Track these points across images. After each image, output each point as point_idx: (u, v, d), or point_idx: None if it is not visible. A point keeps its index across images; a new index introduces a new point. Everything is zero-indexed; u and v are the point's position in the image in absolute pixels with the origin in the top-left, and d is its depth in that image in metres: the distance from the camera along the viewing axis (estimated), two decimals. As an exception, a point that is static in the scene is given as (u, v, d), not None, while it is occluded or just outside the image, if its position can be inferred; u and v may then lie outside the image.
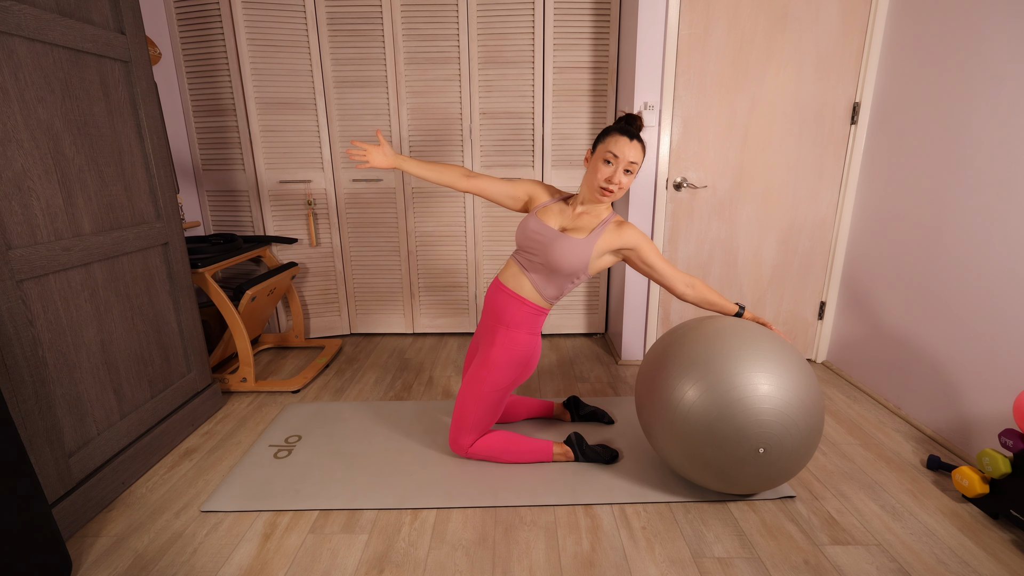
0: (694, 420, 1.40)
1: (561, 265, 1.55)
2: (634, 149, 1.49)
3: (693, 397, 1.40)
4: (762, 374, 1.37)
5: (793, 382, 1.39)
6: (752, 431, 1.35)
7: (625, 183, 1.52)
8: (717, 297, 1.61)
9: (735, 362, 1.39)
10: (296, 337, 2.86)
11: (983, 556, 1.36)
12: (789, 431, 1.37)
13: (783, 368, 1.40)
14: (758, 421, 1.35)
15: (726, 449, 1.39)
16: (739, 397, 1.36)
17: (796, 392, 1.38)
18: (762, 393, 1.36)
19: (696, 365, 1.43)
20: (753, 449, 1.37)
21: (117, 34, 1.69)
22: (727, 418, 1.36)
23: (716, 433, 1.38)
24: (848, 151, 2.33)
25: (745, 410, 1.35)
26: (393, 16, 2.57)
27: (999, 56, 1.65)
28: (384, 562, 1.36)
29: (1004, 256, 1.64)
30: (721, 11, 2.19)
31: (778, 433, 1.36)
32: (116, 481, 1.64)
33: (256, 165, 2.70)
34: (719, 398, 1.37)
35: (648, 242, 1.58)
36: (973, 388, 1.76)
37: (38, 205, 1.40)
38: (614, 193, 1.52)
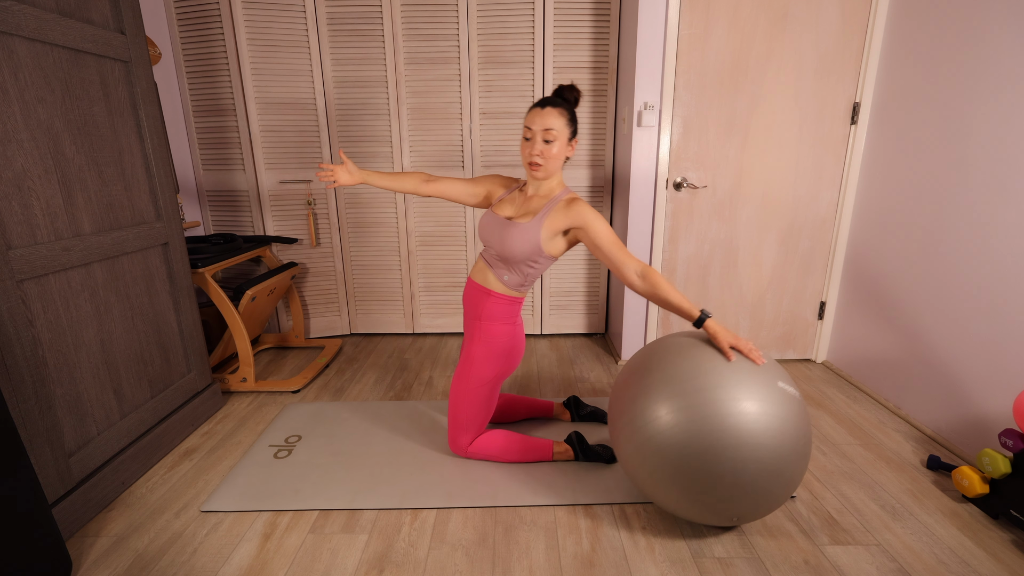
0: (669, 446, 1.27)
1: (512, 252, 1.53)
2: (545, 115, 1.45)
3: (669, 421, 1.27)
4: (749, 402, 1.23)
5: (783, 413, 1.25)
6: (734, 462, 1.22)
7: (550, 152, 1.46)
8: (676, 296, 1.39)
9: (720, 388, 1.25)
10: (296, 337, 2.86)
11: (983, 556, 1.36)
12: (778, 463, 1.24)
13: (770, 397, 1.25)
14: (743, 451, 1.22)
15: (710, 477, 1.25)
16: (725, 426, 1.22)
17: (787, 425, 1.25)
18: (749, 422, 1.22)
19: (673, 386, 1.29)
20: (731, 479, 1.23)
21: (117, 34, 1.69)
22: (712, 447, 1.22)
23: (700, 461, 1.24)
24: (848, 151, 2.33)
25: (730, 439, 1.22)
26: (393, 16, 2.57)
27: (999, 56, 1.65)
28: (384, 562, 1.36)
29: (1004, 256, 1.64)
30: (721, 11, 2.19)
31: (770, 466, 1.23)
32: (116, 481, 1.64)
33: (256, 165, 2.70)
34: (701, 424, 1.23)
35: (598, 220, 1.46)
36: (973, 388, 1.76)
37: (38, 205, 1.40)
38: (542, 166, 1.48)
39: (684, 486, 1.28)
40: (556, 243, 1.54)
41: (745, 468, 1.22)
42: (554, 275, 2.92)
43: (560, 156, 1.49)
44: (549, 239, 1.52)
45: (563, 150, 1.49)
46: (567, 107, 1.48)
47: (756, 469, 1.22)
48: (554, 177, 1.55)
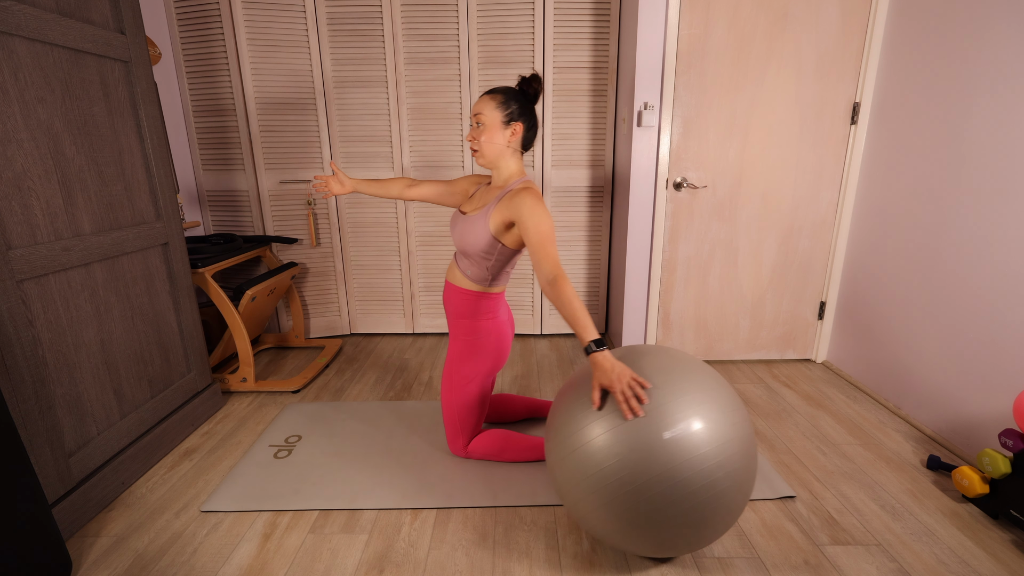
0: (603, 469, 1.14)
1: (465, 246, 1.52)
2: (478, 102, 1.48)
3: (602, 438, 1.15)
4: (697, 419, 1.12)
5: (729, 425, 1.15)
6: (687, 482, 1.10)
7: (479, 135, 1.47)
8: (578, 313, 1.26)
9: (672, 399, 1.14)
10: (296, 337, 2.86)
11: (983, 556, 1.36)
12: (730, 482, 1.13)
13: (719, 407, 1.16)
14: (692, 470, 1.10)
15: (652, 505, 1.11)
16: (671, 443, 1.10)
17: (734, 438, 1.15)
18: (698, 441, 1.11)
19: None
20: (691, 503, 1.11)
21: (117, 34, 1.69)
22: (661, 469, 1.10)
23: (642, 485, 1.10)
24: (848, 151, 2.33)
25: (679, 458, 1.10)
26: (393, 16, 2.57)
27: (999, 56, 1.65)
28: (384, 562, 1.36)
29: (1004, 256, 1.64)
30: (721, 11, 2.19)
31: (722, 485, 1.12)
32: (116, 481, 1.64)
33: (256, 165, 2.70)
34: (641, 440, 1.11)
35: (531, 216, 1.37)
36: (973, 388, 1.76)
37: (38, 205, 1.40)
38: (477, 151, 1.50)
39: (617, 513, 1.14)
40: (511, 235, 1.49)
41: (687, 497, 1.09)
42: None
43: (493, 140, 1.47)
44: (501, 231, 1.47)
45: (495, 134, 1.47)
46: (504, 93, 1.47)
47: (698, 499, 1.10)
48: (507, 166, 1.52)
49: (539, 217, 1.37)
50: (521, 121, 1.48)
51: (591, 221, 2.85)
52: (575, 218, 2.84)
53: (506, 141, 1.48)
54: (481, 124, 1.47)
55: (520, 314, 3.00)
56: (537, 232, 1.36)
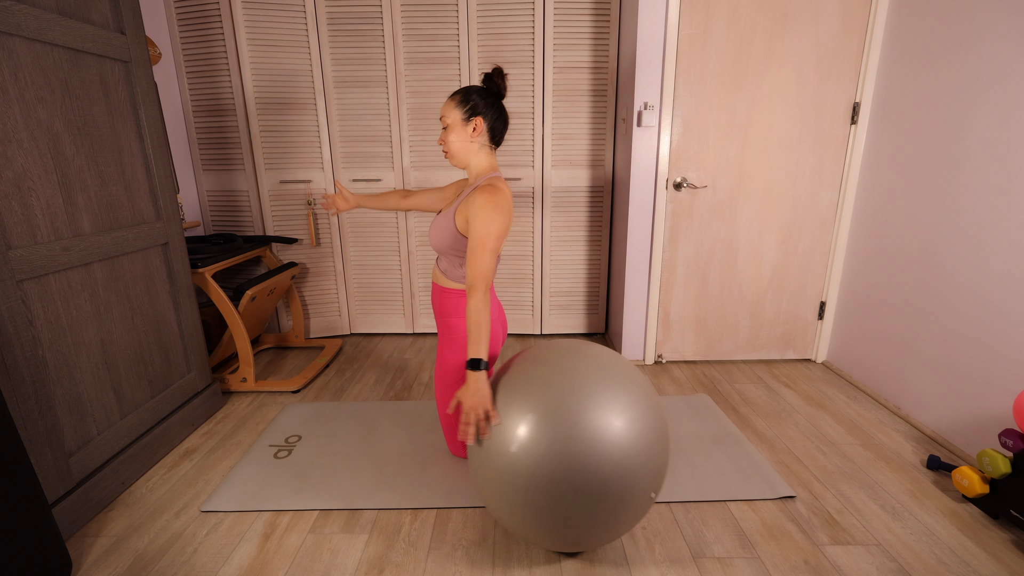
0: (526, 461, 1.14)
1: (436, 244, 1.54)
2: (444, 105, 1.51)
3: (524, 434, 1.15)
4: (613, 413, 1.15)
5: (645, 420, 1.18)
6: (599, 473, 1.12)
7: (446, 138, 1.50)
8: (477, 330, 1.31)
9: (582, 398, 1.16)
10: (296, 337, 2.86)
11: (983, 556, 1.36)
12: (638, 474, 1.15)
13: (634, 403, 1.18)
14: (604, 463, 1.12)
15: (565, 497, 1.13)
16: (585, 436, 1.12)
17: (648, 432, 1.17)
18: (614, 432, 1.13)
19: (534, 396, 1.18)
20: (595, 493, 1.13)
21: (117, 34, 1.69)
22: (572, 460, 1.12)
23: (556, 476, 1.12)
24: (848, 151, 2.33)
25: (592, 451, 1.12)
26: (393, 16, 2.57)
27: (999, 56, 1.65)
28: (384, 562, 1.36)
29: (1004, 256, 1.64)
30: (721, 11, 2.19)
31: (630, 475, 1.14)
32: (116, 481, 1.64)
33: (256, 165, 2.70)
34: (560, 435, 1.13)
35: (477, 218, 1.37)
36: (973, 388, 1.76)
37: (38, 205, 1.40)
38: (446, 152, 1.53)
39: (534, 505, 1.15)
40: None
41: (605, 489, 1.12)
42: (554, 275, 2.92)
43: (459, 140, 1.49)
44: (466, 227, 1.46)
45: (460, 134, 1.49)
46: (462, 92, 1.49)
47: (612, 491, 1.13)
48: (477, 163, 1.53)
49: (484, 220, 1.37)
50: (482, 116, 1.49)
51: (591, 221, 2.85)
52: (575, 218, 2.84)
53: (469, 138, 1.49)
54: (446, 127, 1.50)
55: (520, 314, 3.00)
56: (476, 235, 1.37)
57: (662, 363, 2.63)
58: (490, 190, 1.41)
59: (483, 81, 1.51)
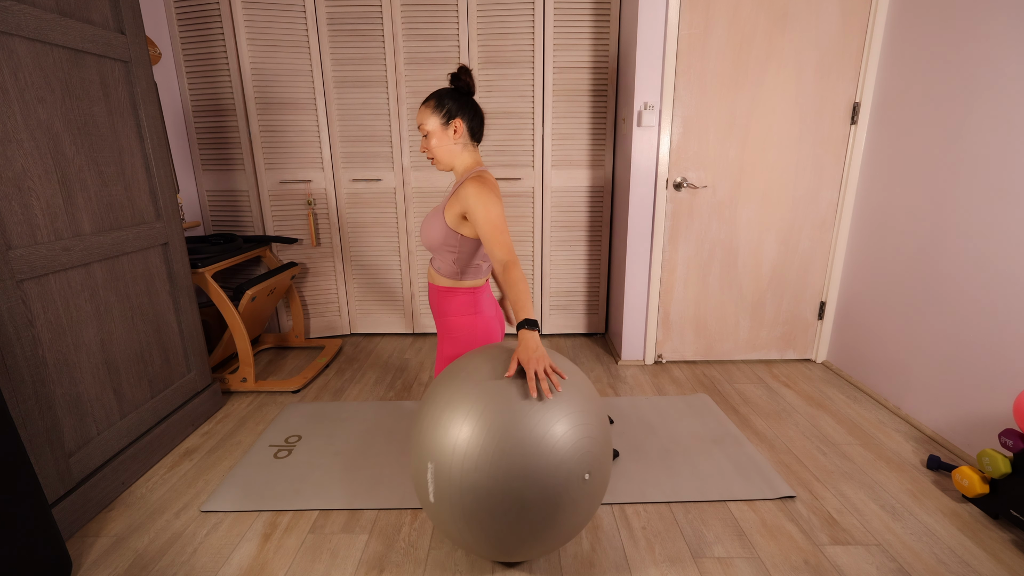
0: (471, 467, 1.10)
1: (426, 240, 1.55)
2: (418, 115, 1.51)
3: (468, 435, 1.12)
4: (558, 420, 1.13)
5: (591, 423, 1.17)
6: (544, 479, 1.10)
7: (429, 145, 1.51)
8: (521, 297, 1.31)
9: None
10: (296, 337, 2.86)
11: (983, 556, 1.36)
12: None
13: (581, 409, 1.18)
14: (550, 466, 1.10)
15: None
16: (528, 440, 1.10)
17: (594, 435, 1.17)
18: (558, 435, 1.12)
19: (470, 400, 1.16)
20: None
21: (117, 34, 1.69)
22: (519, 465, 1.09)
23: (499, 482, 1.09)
24: (848, 151, 2.33)
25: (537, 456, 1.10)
26: (393, 16, 2.57)
27: (999, 56, 1.65)
28: (384, 562, 1.36)
29: (1004, 256, 1.64)
30: (721, 11, 2.19)
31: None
32: (116, 481, 1.64)
33: (256, 165, 2.70)
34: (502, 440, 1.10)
35: (479, 205, 1.39)
36: (973, 388, 1.76)
37: (38, 205, 1.40)
38: (433, 159, 1.54)
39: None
40: (468, 226, 1.51)
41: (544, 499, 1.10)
42: (554, 275, 2.92)
43: (442, 144, 1.51)
44: (458, 223, 1.49)
45: (441, 138, 1.50)
46: (435, 97, 1.50)
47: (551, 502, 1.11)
48: (462, 162, 1.54)
49: (485, 206, 1.40)
50: (459, 116, 1.50)
51: (591, 221, 2.85)
52: (575, 218, 2.84)
53: (452, 140, 1.51)
54: (427, 134, 1.51)
55: (520, 314, 2.99)
56: (486, 221, 1.40)
57: (662, 363, 2.63)
58: (478, 179, 1.45)
59: (451, 82, 1.52)
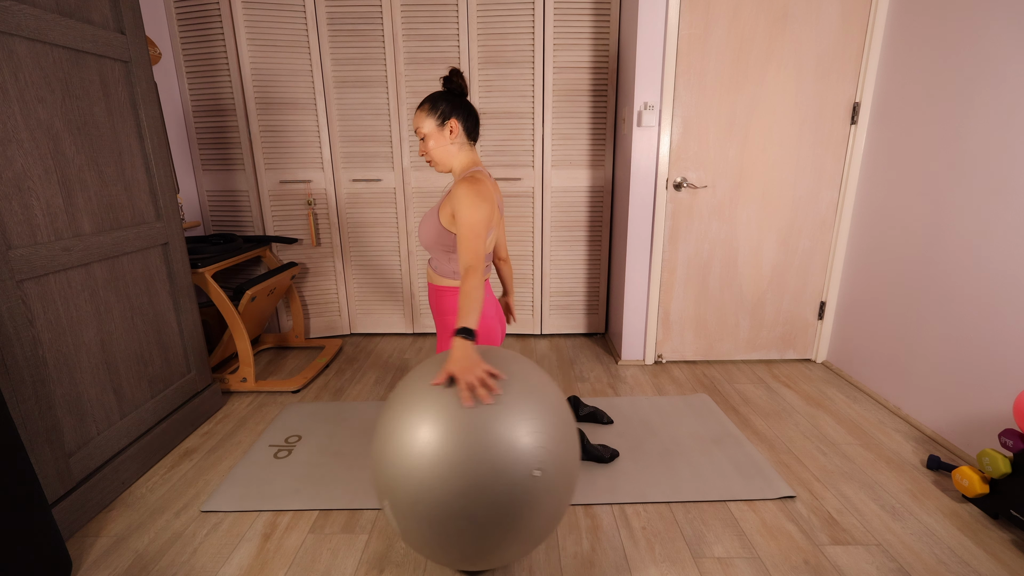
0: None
1: (423, 241, 1.56)
2: (415, 119, 1.52)
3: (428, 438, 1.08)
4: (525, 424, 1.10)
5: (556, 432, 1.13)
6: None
7: (427, 148, 1.52)
8: (471, 305, 1.30)
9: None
10: (296, 337, 2.86)
11: (983, 556, 1.36)
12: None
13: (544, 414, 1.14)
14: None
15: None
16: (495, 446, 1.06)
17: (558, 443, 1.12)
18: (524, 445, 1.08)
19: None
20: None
21: (117, 34, 1.69)
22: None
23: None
24: (848, 151, 2.33)
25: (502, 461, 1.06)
26: (393, 16, 2.57)
27: (999, 56, 1.65)
28: (384, 562, 1.36)
29: (1004, 256, 1.64)
30: (721, 11, 2.19)
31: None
32: (116, 481, 1.64)
33: (256, 165, 2.70)
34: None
35: (461, 208, 1.39)
36: (973, 388, 1.76)
37: (38, 205, 1.40)
38: (431, 161, 1.55)
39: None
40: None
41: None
42: (554, 275, 2.92)
43: (440, 146, 1.52)
44: (450, 221, 1.50)
45: (439, 140, 1.52)
46: (429, 100, 1.51)
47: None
48: (459, 162, 1.56)
49: (468, 207, 1.41)
50: (455, 117, 1.52)
51: (591, 221, 2.85)
52: (575, 218, 2.84)
53: (449, 140, 1.52)
54: (424, 137, 1.52)
55: (520, 314, 3.00)
56: (463, 222, 1.41)
57: (662, 363, 2.63)
58: (470, 180, 1.45)
59: (444, 84, 1.54)
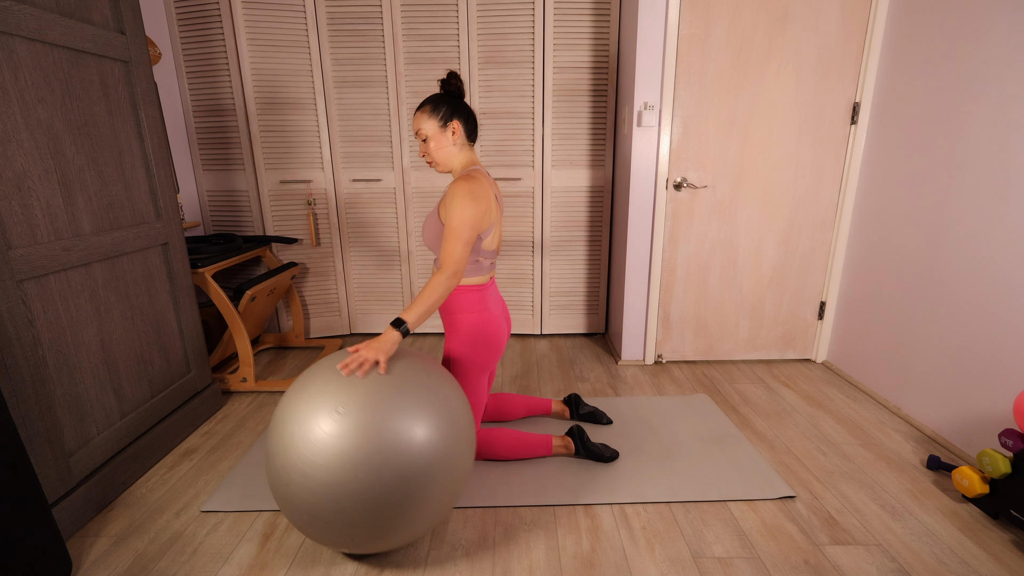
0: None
1: (427, 241, 1.57)
2: (415, 120, 1.53)
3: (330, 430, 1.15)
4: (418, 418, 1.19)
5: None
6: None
7: (428, 150, 1.53)
8: (425, 302, 1.37)
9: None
10: (296, 337, 2.86)
11: (983, 556, 1.36)
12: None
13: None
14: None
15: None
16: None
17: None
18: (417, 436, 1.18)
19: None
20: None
21: (117, 34, 1.69)
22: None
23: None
24: (848, 151, 2.33)
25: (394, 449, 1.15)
26: (393, 16, 2.57)
27: (999, 55, 1.65)
28: (385, 562, 1.36)
29: (1004, 256, 1.64)
30: (721, 11, 2.19)
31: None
32: (116, 481, 1.64)
33: (256, 165, 2.70)
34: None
35: (450, 207, 1.42)
36: (973, 388, 1.76)
37: (38, 205, 1.40)
38: (432, 162, 1.56)
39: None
40: None
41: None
42: (554, 275, 2.92)
43: (441, 147, 1.53)
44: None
45: (440, 141, 1.53)
46: (430, 103, 1.52)
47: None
48: (460, 162, 1.57)
49: (457, 208, 1.43)
50: (455, 118, 1.53)
51: (591, 221, 2.85)
52: (575, 218, 2.84)
53: (451, 141, 1.54)
54: (425, 139, 1.53)
55: (520, 314, 3.00)
56: (450, 223, 1.44)
57: (662, 363, 2.63)
58: (466, 178, 1.47)
59: (442, 87, 1.55)
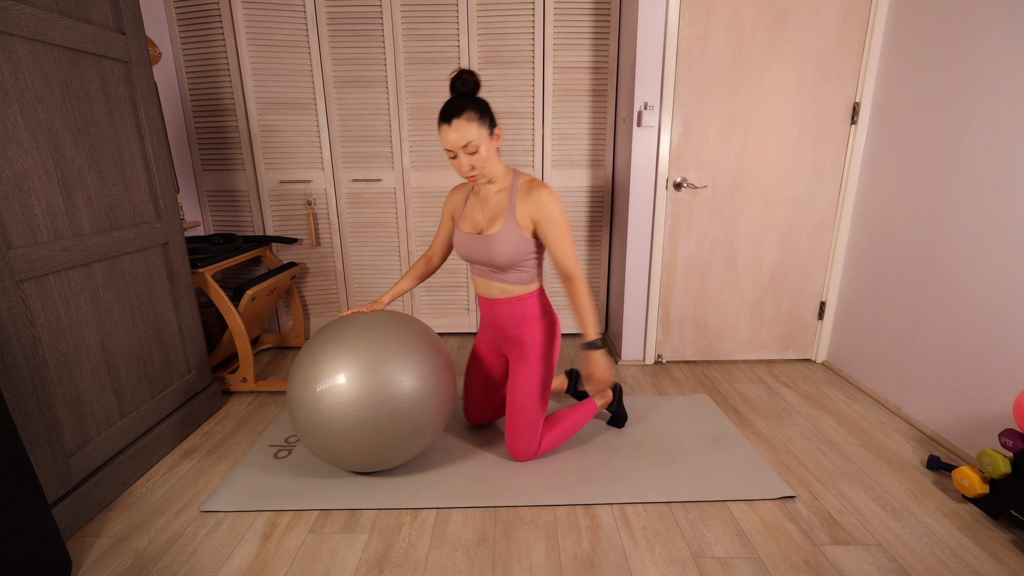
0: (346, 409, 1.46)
1: (505, 260, 1.54)
2: (457, 132, 1.38)
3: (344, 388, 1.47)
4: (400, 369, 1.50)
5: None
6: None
7: (479, 162, 1.43)
8: (585, 312, 1.52)
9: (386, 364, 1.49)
10: (296, 337, 2.86)
11: (983, 556, 1.36)
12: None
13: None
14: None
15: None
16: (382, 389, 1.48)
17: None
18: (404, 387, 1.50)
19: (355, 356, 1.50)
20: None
21: (117, 34, 1.69)
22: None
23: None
24: (848, 151, 2.33)
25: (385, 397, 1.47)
26: (393, 16, 2.57)
27: (999, 56, 1.65)
28: (384, 562, 1.36)
29: (1004, 256, 1.64)
30: (721, 11, 2.19)
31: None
32: (116, 481, 1.64)
33: (256, 165, 2.70)
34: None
35: (555, 214, 1.45)
36: (973, 388, 1.76)
37: (38, 205, 1.40)
38: (478, 178, 1.47)
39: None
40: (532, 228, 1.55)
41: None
42: (554, 275, 2.92)
43: (491, 156, 1.45)
44: (530, 228, 1.51)
45: (490, 148, 1.45)
46: (473, 105, 1.40)
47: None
48: (499, 166, 1.53)
49: (562, 216, 1.48)
50: (495, 122, 1.48)
51: (591, 221, 2.85)
52: (575, 218, 2.84)
53: (496, 147, 1.49)
54: (476, 150, 1.42)
55: (520, 314, 3.00)
56: (559, 232, 1.48)
57: (662, 363, 2.63)
58: (536, 182, 1.47)
59: (459, 87, 1.44)
